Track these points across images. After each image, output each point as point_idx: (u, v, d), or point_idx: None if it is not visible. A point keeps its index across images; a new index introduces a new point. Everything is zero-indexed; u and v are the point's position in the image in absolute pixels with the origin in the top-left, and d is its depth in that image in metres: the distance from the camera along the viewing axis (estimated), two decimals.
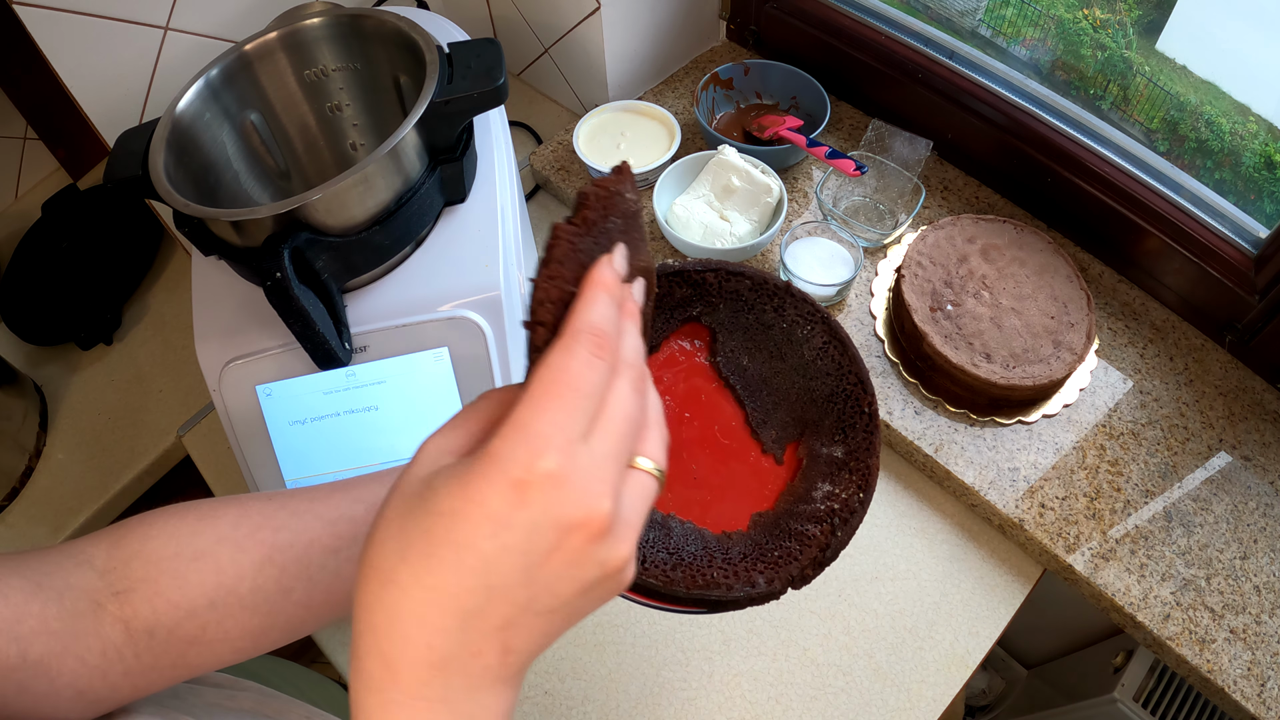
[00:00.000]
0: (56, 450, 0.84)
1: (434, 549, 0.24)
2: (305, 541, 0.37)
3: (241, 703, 0.42)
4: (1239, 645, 0.61)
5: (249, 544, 0.36)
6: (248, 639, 0.36)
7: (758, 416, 0.41)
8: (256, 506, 0.38)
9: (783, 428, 0.41)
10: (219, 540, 0.36)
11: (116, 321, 0.91)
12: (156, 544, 0.36)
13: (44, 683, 0.33)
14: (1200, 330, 0.77)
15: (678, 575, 0.35)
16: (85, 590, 0.35)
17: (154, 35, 0.71)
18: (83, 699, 0.34)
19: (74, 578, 0.35)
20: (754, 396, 0.42)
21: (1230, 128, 0.69)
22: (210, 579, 0.35)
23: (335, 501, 0.39)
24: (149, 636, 0.35)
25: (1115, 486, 0.68)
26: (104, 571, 0.35)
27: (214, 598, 0.35)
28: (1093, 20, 0.73)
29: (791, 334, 0.42)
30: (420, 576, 0.24)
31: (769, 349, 0.42)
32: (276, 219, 0.51)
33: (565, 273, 0.28)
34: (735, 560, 0.36)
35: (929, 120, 0.87)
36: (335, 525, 0.38)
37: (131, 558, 0.36)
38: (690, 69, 1.02)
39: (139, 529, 0.37)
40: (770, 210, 0.81)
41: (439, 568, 0.24)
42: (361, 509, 0.39)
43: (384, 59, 0.63)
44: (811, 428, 0.41)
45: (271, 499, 0.39)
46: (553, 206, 0.95)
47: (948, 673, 0.65)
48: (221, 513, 0.37)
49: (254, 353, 0.58)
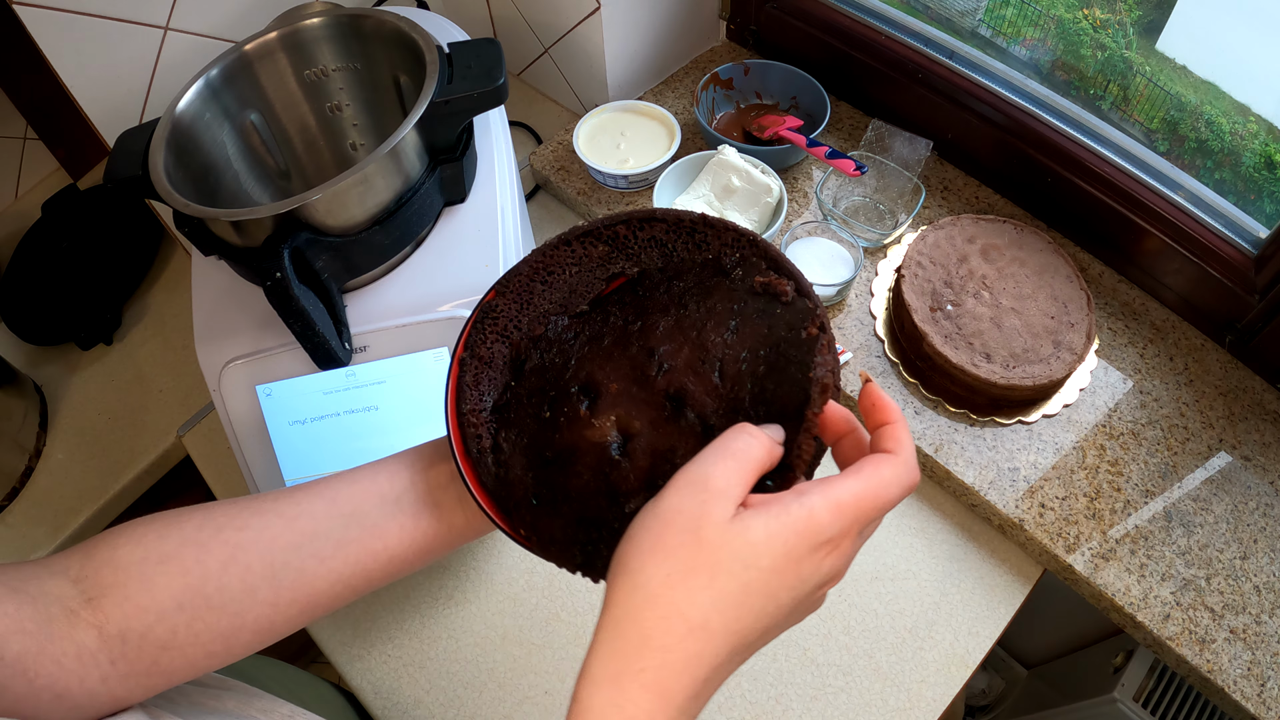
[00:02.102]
0: (56, 450, 0.84)
1: (749, 599, 0.28)
2: (268, 539, 0.38)
3: (226, 702, 0.42)
4: (1239, 645, 0.61)
5: (213, 544, 0.37)
6: (219, 641, 0.37)
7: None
8: (221, 509, 0.39)
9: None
10: (183, 543, 0.37)
11: (116, 321, 0.91)
12: (124, 551, 0.37)
13: (22, 683, 0.33)
14: (1200, 330, 0.77)
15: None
16: (59, 597, 0.35)
17: (154, 35, 0.71)
18: (62, 703, 0.34)
19: (48, 585, 0.36)
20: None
21: (1230, 128, 0.69)
22: (177, 581, 0.36)
23: (297, 499, 0.39)
24: (122, 642, 0.36)
25: (1115, 486, 0.68)
26: (77, 580, 0.36)
27: (181, 599, 0.36)
28: (1093, 20, 0.73)
29: (719, 264, 0.39)
30: (730, 624, 0.28)
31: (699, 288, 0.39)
32: (276, 219, 0.51)
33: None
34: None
35: (929, 120, 0.87)
36: (297, 521, 0.38)
37: (101, 565, 0.37)
38: (690, 69, 1.02)
39: (110, 539, 0.38)
40: (770, 210, 0.81)
41: (746, 615, 0.28)
42: (322, 504, 0.39)
43: (384, 59, 0.63)
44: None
45: (236, 502, 0.39)
46: (553, 206, 0.95)
47: (948, 673, 0.65)
48: (187, 517, 0.38)
49: (254, 353, 0.58)
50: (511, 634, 0.68)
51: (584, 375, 0.37)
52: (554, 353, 0.39)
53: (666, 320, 0.37)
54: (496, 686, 0.66)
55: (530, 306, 0.40)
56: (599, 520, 0.35)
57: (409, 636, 0.69)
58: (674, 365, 0.36)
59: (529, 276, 0.40)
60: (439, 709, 0.66)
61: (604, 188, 0.90)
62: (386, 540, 0.39)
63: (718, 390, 0.35)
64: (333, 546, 0.38)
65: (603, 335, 0.38)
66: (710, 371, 0.35)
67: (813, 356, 0.33)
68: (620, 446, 0.36)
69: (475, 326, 0.39)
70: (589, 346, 0.38)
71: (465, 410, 0.38)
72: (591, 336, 0.39)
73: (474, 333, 0.39)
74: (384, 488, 0.40)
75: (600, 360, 0.38)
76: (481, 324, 0.39)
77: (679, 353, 0.36)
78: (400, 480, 0.40)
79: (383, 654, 0.68)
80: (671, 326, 0.37)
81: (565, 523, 0.35)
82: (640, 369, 0.37)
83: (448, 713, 0.65)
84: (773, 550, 0.28)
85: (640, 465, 0.35)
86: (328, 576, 0.38)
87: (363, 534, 0.39)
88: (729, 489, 0.29)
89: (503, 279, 0.40)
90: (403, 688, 0.67)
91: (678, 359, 0.36)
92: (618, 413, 0.36)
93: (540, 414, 0.37)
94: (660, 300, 0.38)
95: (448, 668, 0.67)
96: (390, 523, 0.39)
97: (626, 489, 0.35)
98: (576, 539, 0.35)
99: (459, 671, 0.67)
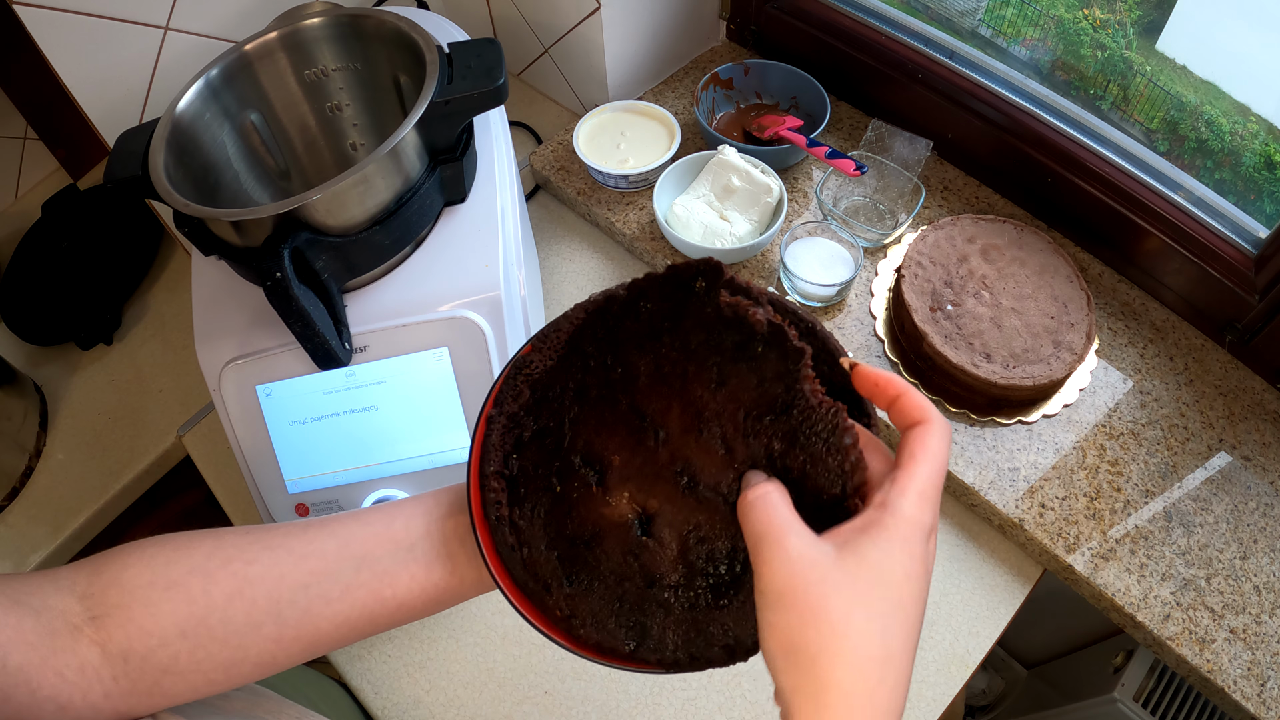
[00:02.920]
0: (56, 450, 0.84)
1: (903, 612, 0.29)
2: (276, 575, 0.37)
3: (234, 703, 0.42)
4: (1239, 645, 0.61)
5: (221, 575, 0.37)
6: (219, 671, 0.37)
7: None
8: (232, 540, 0.38)
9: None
10: (191, 571, 0.37)
11: (116, 321, 0.91)
12: (133, 572, 0.37)
13: (25, 693, 0.33)
14: (1200, 330, 0.77)
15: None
16: (62, 612, 0.35)
17: (154, 35, 0.71)
18: (65, 714, 0.34)
19: (52, 599, 0.36)
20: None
21: (1230, 128, 0.69)
22: (182, 609, 0.36)
23: (310, 536, 0.39)
24: (124, 661, 0.36)
25: (1115, 486, 0.68)
26: (83, 596, 0.36)
27: (185, 627, 0.36)
28: (1093, 20, 0.73)
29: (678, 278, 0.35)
30: (904, 640, 0.29)
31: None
32: (276, 219, 0.51)
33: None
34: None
35: (929, 120, 0.87)
36: (306, 560, 0.38)
37: (109, 585, 0.36)
38: (690, 69, 1.02)
39: (119, 557, 0.38)
40: (770, 210, 0.81)
41: (909, 623, 0.29)
42: (334, 545, 0.38)
43: (384, 59, 0.63)
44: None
45: (249, 533, 0.39)
46: (553, 206, 0.95)
47: (948, 673, 0.65)
48: (198, 544, 0.38)
49: (254, 353, 0.58)
50: (511, 634, 0.68)
51: (583, 445, 0.35)
52: (545, 416, 0.36)
53: (645, 361, 0.34)
54: (496, 686, 0.66)
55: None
56: (638, 603, 0.34)
57: (409, 636, 0.69)
58: (670, 433, 0.34)
59: (568, 333, 0.36)
60: (439, 709, 0.66)
61: (604, 188, 0.90)
62: (396, 588, 0.38)
63: (727, 462, 0.33)
64: (341, 589, 0.38)
65: (587, 387, 0.35)
66: (713, 443, 0.33)
67: (842, 440, 0.30)
68: (642, 526, 0.34)
69: (506, 381, 0.36)
70: (577, 405, 0.35)
71: (489, 472, 0.36)
72: (576, 390, 0.36)
73: (505, 388, 0.36)
74: (399, 534, 0.39)
75: (594, 424, 0.35)
76: (514, 379, 0.36)
77: (669, 413, 0.34)
78: (415, 528, 0.39)
79: (383, 654, 0.68)
80: (653, 373, 0.34)
81: (605, 604, 0.34)
82: (637, 435, 0.34)
83: (448, 713, 0.65)
84: (899, 563, 0.29)
85: (670, 547, 0.34)
86: (333, 618, 0.38)
87: (372, 579, 0.38)
88: (790, 525, 0.30)
89: (541, 333, 0.37)
90: (403, 687, 0.67)
91: (670, 422, 0.34)
92: (629, 489, 0.34)
93: (551, 488, 0.35)
94: (630, 329, 0.35)
95: (448, 668, 0.67)
96: (402, 570, 0.38)
97: (660, 571, 0.33)
98: (621, 621, 0.34)
99: (459, 671, 0.67)
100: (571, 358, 0.36)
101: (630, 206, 0.89)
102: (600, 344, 0.35)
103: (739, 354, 0.32)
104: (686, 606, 0.33)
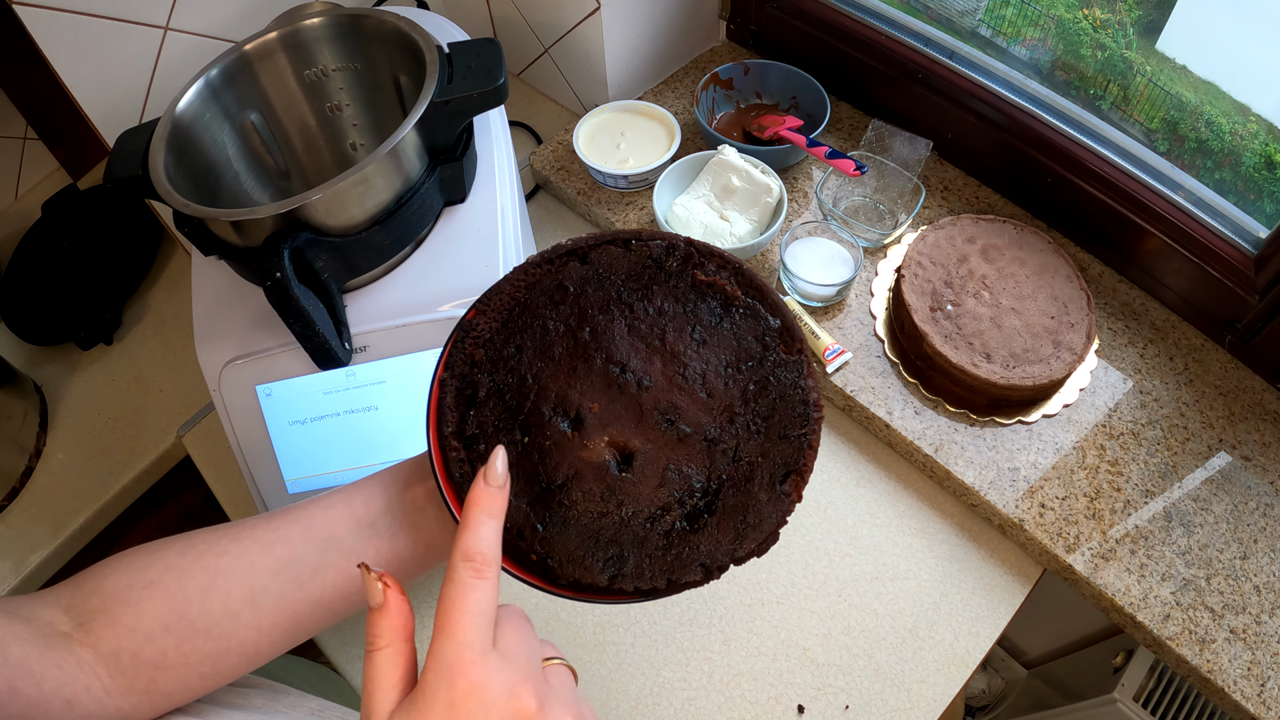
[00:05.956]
0: (56, 450, 0.84)
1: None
2: (246, 564, 0.38)
3: (253, 700, 0.43)
4: (1239, 645, 0.61)
5: (193, 570, 0.38)
6: (207, 663, 0.38)
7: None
8: (202, 537, 0.40)
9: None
10: (166, 569, 0.38)
11: (116, 321, 0.91)
12: (111, 580, 0.38)
13: (30, 685, 0.34)
14: (1200, 330, 0.77)
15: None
16: (51, 622, 0.37)
17: (154, 35, 0.71)
18: (72, 710, 0.35)
19: (40, 612, 0.37)
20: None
21: (1230, 128, 0.69)
22: (161, 605, 0.37)
23: (274, 525, 0.40)
24: (116, 660, 0.37)
25: (1115, 486, 0.68)
26: (68, 608, 0.38)
27: (166, 622, 0.37)
28: (1093, 20, 0.73)
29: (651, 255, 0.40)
30: None
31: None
32: (276, 219, 0.51)
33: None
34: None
35: (929, 120, 0.87)
36: (274, 548, 0.39)
37: (90, 593, 0.38)
38: (690, 69, 1.02)
39: (98, 570, 0.39)
40: (770, 210, 0.81)
41: None
42: (298, 530, 0.39)
43: (384, 59, 0.63)
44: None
45: (218, 529, 0.40)
46: (553, 206, 0.95)
47: (948, 673, 0.65)
48: (170, 545, 0.39)
49: (254, 353, 0.58)
50: None
51: (555, 396, 0.37)
52: (502, 374, 0.38)
53: (617, 325, 0.38)
54: None
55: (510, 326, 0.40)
56: (615, 537, 0.35)
57: None
58: (655, 381, 0.37)
59: (510, 295, 0.39)
60: None
61: (604, 188, 0.90)
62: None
63: (709, 405, 0.37)
64: (310, 571, 0.39)
65: (550, 345, 0.38)
66: (695, 388, 0.37)
67: (805, 380, 0.37)
68: (618, 465, 0.36)
69: (455, 345, 0.38)
70: (540, 362, 0.37)
71: (446, 433, 0.37)
72: (537, 348, 0.38)
73: (454, 352, 0.38)
74: (359, 512, 0.40)
75: (565, 376, 0.37)
76: (462, 343, 0.38)
77: (652, 366, 0.37)
78: (375, 504, 0.40)
79: None
80: (628, 333, 0.37)
81: (580, 541, 0.35)
82: (617, 385, 0.37)
83: None
84: None
85: (650, 481, 0.36)
86: (307, 600, 0.39)
87: (339, 558, 0.39)
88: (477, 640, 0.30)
89: (483, 297, 0.39)
90: None
91: (654, 373, 0.37)
92: (610, 433, 0.36)
93: (517, 440, 0.37)
94: (596, 298, 0.38)
95: None
96: (367, 546, 0.39)
97: (638, 505, 0.35)
98: (597, 555, 0.35)
99: None
100: (524, 319, 0.39)
101: (630, 206, 0.89)
102: (560, 310, 0.39)
103: (719, 320, 0.38)
104: (663, 533, 0.35)
